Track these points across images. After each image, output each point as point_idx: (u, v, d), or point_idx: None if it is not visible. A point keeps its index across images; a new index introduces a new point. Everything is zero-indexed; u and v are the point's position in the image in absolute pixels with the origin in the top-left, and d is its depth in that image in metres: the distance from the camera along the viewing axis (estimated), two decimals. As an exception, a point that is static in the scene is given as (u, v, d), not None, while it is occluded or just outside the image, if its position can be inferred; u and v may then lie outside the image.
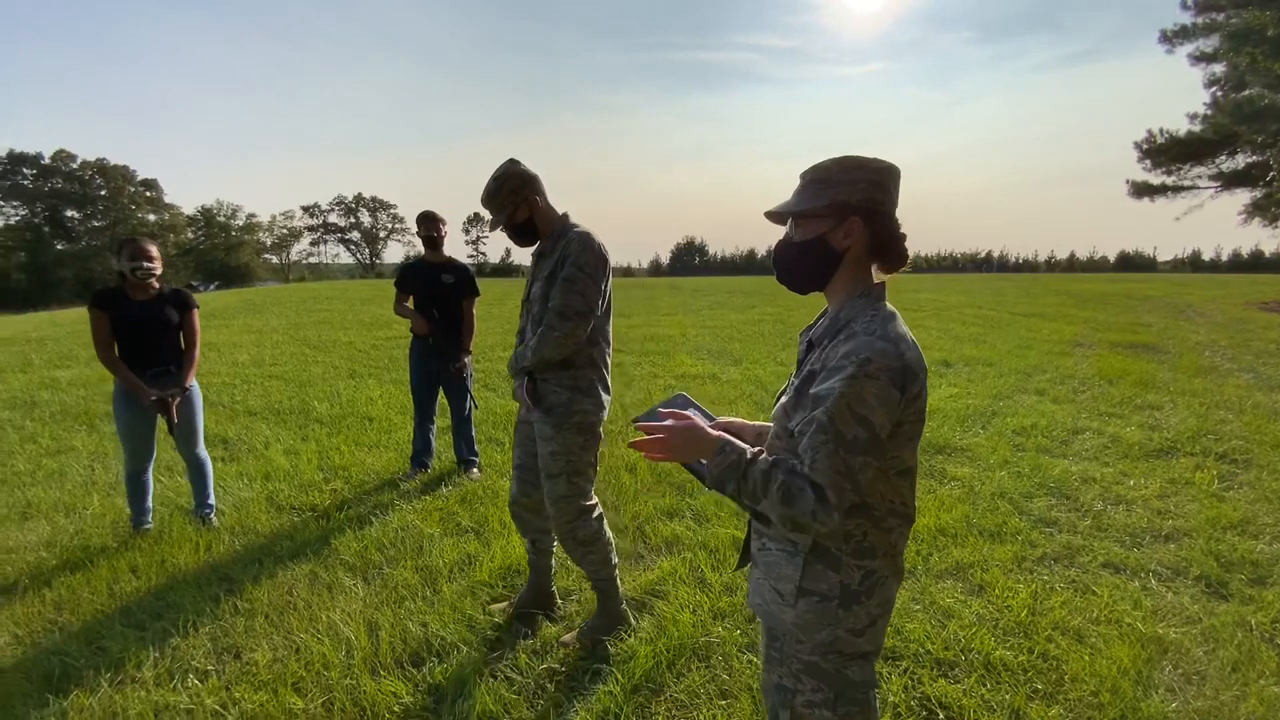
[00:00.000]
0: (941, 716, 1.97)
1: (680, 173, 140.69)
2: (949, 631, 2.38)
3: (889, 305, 1.14)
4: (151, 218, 48.90)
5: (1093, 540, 3.14)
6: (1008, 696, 2.05)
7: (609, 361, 2.25)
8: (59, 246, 45.39)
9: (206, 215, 54.02)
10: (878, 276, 1.18)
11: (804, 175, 1.17)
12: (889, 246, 1.15)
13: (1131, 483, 3.85)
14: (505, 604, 2.56)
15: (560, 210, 2.24)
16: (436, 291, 3.94)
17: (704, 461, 1.13)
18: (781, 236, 1.22)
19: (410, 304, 4.02)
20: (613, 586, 2.33)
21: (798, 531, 1.07)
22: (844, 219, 1.12)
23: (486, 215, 2.26)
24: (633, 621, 2.40)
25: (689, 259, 55.17)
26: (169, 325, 3.13)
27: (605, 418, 2.25)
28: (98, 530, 3.32)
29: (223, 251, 53.06)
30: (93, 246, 45.59)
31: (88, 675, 2.18)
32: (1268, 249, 46.99)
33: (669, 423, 1.16)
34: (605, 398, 2.23)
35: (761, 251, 54.65)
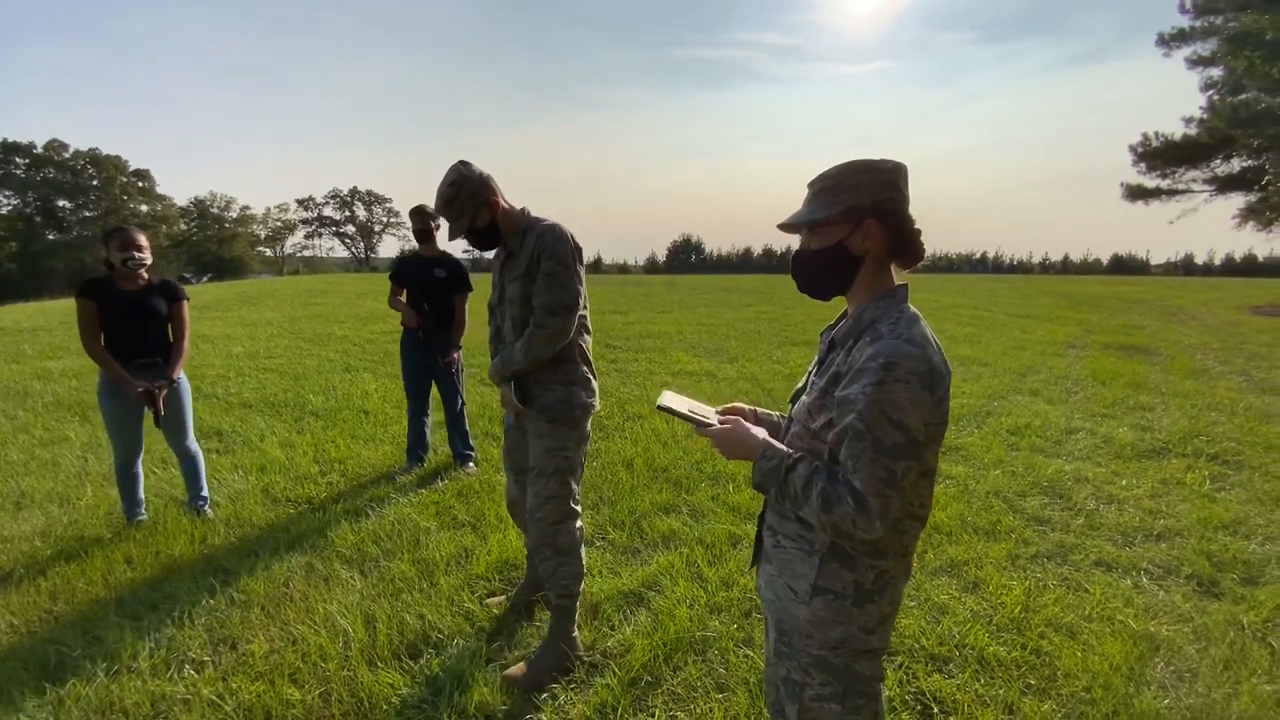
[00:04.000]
0: (936, 711, 1.99)
1: (679, 170, 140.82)
2: (943, 627, 2.39)
3: (912, 307, 1.13)
4: (144, 208, 48.47)
5: (1085, 539, 3.16)
6: (1001, 692, 2.07)
7: (591, 350, 2.23)
8: (50, 237, 44.90)
9: (199, 207, 53.61)
10: (897, 275, 1.18)
11: (813, 184, 1.16)
12: (906, 244, 1.14)
13: (1124, 482, 3.88)
14: (502, 597, 2.56)
15: (518, 206, 2.16)
16: (428, 285, 3.93)
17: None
18: (798, 246, 1.21)
19: (404, 297, 4.02)
20: (573, 609, 2.18)
21: (841, 537, 1.07)
22: (860, 223, 1.11)
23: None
24: (583, 653, 2.23)
25: (686, 256, 55.09)
26: (157, 316, 3.10)
27: (598, 408, 2.21)
28: (91, 521, 3.30)
29: (216, 244, 52.67)
30: (84, 237, 45.12)
31: (84, 665, 2.18)
32: (1261, 253, 47.33)
33: (719, 427, 1.22)
34: (595, 386, 2.21)
35: (758, 250, 54.61)
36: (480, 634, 2.36)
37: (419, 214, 3.97)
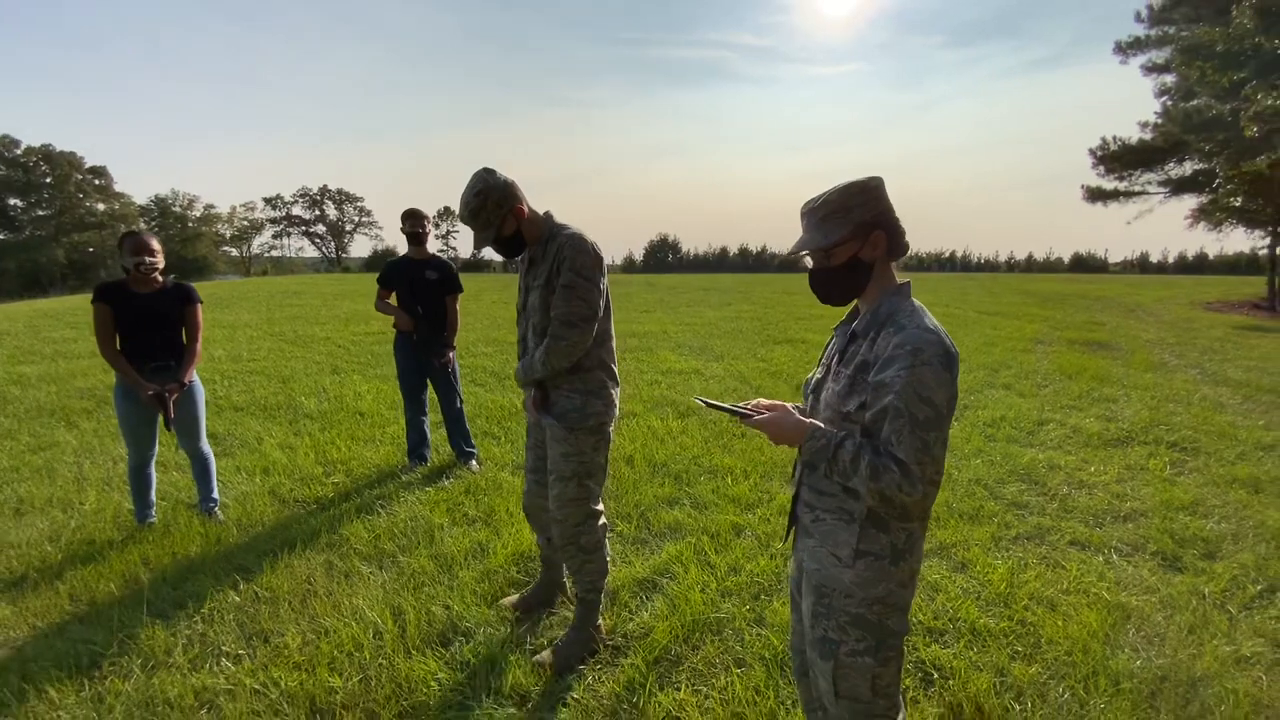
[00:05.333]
0: (936, 677, 2.17)
1: (653, 169, 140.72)
2: (938, 604, 2.58)
3: (916, 300, 1.32)
4: (100, 207, 46.70)
5: (1060, 521, 3.40)
6: (993, 658, 2.26)
7: (615, 357, 2.26)
8: (1, 236, 43.13)
9: (161, 205, 51.96)
10: (897, 272, 1.37)
11: (814, 211, 1.32)
12: (899, 241, 1.34)
13: (1092, 469, 4.15)
14: (515, 597, 2.59)
15: (541, 210, 2.19)
16: (420, 288, 3.99)
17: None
18: (811, 266, 1.39)
19: (393, 300, 4.07)
20: (598, 602, 2.30)
21: (885, 504, 1.23)
22: (869, 235, 1.30)
23: (455, 208, 2.22)
24: (605, 645, 2.33)
25: (663, 256, 55.28)
26: (170, 319, 3.14)
27: (617, 415, 2.25)
28: (99, 525, 3.31)
29: (178, 243, 51.01)
30: (37, 236, 43.37)
31: (119, 662, 2.23)
32: (1211, 252, 49.65)
33: (769, 415, 1.35)
34: (615, 394, 2.23)
35: (734, 249, 55.09)
36: (506, 622, 2.47)
37: (411, 216, 4.03)
